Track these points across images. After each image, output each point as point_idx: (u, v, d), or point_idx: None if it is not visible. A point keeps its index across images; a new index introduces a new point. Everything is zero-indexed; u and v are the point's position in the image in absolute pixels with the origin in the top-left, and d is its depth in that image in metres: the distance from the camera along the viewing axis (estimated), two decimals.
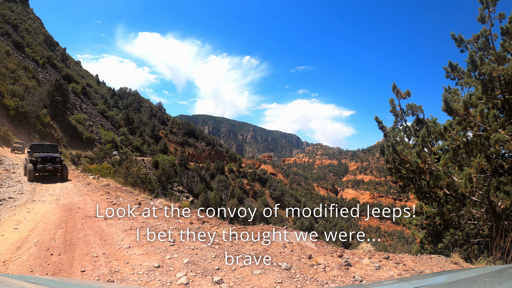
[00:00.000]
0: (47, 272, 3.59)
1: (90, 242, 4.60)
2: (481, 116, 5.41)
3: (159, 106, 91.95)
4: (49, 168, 12.63)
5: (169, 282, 3.24)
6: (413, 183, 7.17)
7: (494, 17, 5.88)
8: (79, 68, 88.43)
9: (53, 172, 12.90)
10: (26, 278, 1.71)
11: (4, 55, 36.70)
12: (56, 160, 12.96)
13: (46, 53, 58.14)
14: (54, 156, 13.01)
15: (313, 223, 73.84)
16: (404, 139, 7.53)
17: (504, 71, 5.55)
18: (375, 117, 7.93)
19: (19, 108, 28.11)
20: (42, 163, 12.52)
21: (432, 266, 4.37)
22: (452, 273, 1.90)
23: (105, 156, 26.81)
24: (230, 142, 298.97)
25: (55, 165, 12.85)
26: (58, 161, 12.99)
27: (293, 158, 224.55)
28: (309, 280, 3.49)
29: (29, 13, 76.39)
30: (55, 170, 12.91)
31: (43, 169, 12.50)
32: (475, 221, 6.14)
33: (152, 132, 70.46)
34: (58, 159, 13.01)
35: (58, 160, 13.04)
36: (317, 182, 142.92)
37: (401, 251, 10.16)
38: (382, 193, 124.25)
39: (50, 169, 12.69)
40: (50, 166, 12.69)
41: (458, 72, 7.32)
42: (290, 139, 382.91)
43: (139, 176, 14.46)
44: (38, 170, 12.42)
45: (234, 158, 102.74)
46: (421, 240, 8.10)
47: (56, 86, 35.76)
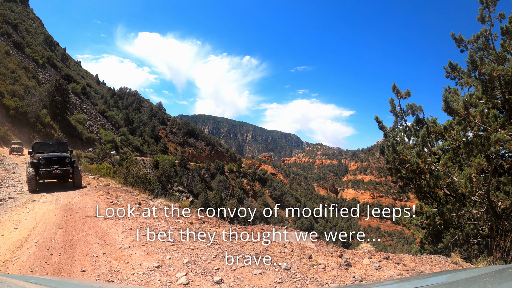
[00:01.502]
0: (47, 272, 3.59)
1: (90, 242, 4.60)
2: (481, 116, 5.41)
3: (159, 106, 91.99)
4: (56, 172, 10.05)
5: (169, 282, 3.24)
6: (413, 183, 7.18)
7: (494, 17, 5.89)
8: (79, 68, 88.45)
9: (61, 177, 10.36)
10: (26, 278, 1.71)
11: (4, 55, 36.71)
12: (65, 161, 10.38)
13: (46, 53, 58.15)
14: (62, 156, 10.43)
15: (313, 223, 73.85)
16: (404, 139, 7.54)
17: (504, 71, 5.55)
18: (375, 117, 7.94)
19: (19, 108, 28.11)
20: (46, 165, 10.01)
21: (432, 266, 4.37)
22: (452, 273, 1.90)
23: (105, 156, 26.82)
24: (230, 142, 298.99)
25: (64, 167, 10.27)
26: (68, 162, 10.41)
27: (293, 158, 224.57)
28: (309, 280, 3.49)
29: (29, 13, 76.40)
30: (65, 175, 10.28)
31: (48, 174, 10.00)
32: (475, 221, 6.14)
33: (152, 132, 70.48)
34: (68, 160, 10.44)
35: (68, 161, 10.44)
36: (317, 182, 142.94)
37: (401, 251, 10.16)
38: (382, 193, 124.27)
39: (58, 173, 10.11)
40: (58, 169, 10.10)
41: (458, 72, 7.32)
42: (290, 139, 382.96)
43: (139, 176, 14.46)
44: (42, 176, 9.93)
45: (234, 158, 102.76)
46: (421, 240, 8.10)
47: (56, 86, 35.77)
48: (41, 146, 11.56)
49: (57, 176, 10.33)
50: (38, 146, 11.46)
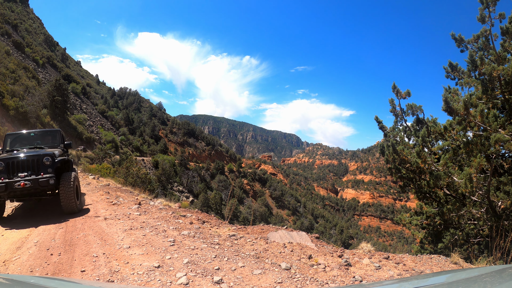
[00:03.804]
0: (47, 272, 3.59)
1: (90, 242, 4.60)
2: (481, 116, 5.41)
3: (159, 106, 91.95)
4: (21, 185, 5.70)
5: (169, 282, 3.24)
6: (413, 183, 7.18)
7: (494, 17, 5.89)
8: (79, 68, 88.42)
9: (32, 194, 6.04)
10: (26, 278, 1.71)
11: (4, 55, 36.71)
12: (44, 164, 6.03)
13: (46, 53, 58.15)
14: (37, 155, 6.05)
15: (313, 223, 73.84)
16: (404, 139, 7.53)
17: (504, 71, 5.55)
18: (375, 117, 7.94)
19: (19, 108, 28.12)
20: (6, 173, 5.83)
21: (432, 266, 4.37)
22: (452, 273, 1.90)
23: (105, 156, 26.81)
24: (230, 142, 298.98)
25: (38, 175, 5.91)
26: (48, 164, 6.06)
27: (293, 158, 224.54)
28: (309, 280, 3.48)
29: (29, 13, 76.38)
30: (37, 189, 5.89)
31: (8, 190, 5.70)
32: (475, 221, 6.14)
33: (152, 132, 70.46)
34: (47, 160, 6.06)
35: (49, 162, 6.07)
36: (317, 182, 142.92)
37: (401, 251, 10.16)
38: (382, 193, 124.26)
39: (25, 188, 5.75)
40: (25, 180, 5.77)
41: (458, 72, 7.33)
42: (290, 139, 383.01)
43: (139, 176, 14.45)
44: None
45: (234, 158, 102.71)
46: (421, 240, 8.10)
47: (56, 86, 35.76)
48: (16, 139, 7.34)
49: (25, 193, 5.92)
50: (12, 140, 7.30)
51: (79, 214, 6.50)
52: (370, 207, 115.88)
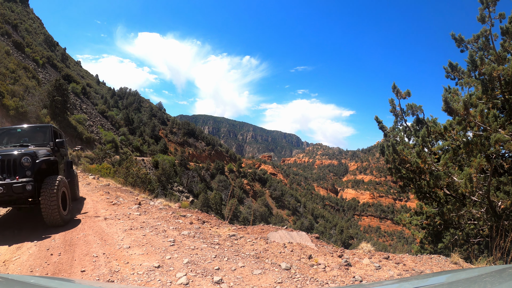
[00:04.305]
0: (47, 272, 3.59)
1: (90, 242, 4.60)
2: (481, 116, 5.41)
3: (159, 106, 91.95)
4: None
5: (169, 282, 3.24)
6: (413, 183, 7.18)
7: (494, 17, 5.89)
8: (79, 68, 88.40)
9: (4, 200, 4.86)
10: (26, 278, 1.71)
11: (4, 55, 36.70)
12: (22, 164, 4.94)
13: (46, 53, 58.14)
14: (14, 156, 4.93)
15: (313, 223, 73.84)
16: (404, 139, 7.54)
17: (504, 71, 5.55)
18: (375, 117, 7.95)
19: (19, 108, 28.13)
20: None
21: (432, 266, 4.37)
22: (452, 273, 1.90)
23: (105, 156, 26.81)
24: (230, 142, 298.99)
25: (12, 179, 4.81)
26: (27, 166, 4.96)
27: (293, 158, 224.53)
28: (309, 280, 3.48)
29: (29, 13, 76.37)
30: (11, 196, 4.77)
31: None
32: (475, 221, 6.14)
33: (152, 132, 70.46)
34: (26, 160, 4.95)
35: (29, 163, 4.96)
36: (317, 182, 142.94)
37: (401, 251, 10.15)
38: (382, 193, 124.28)
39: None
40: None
41: (458, 72, 7.33)
42: (290, 139, 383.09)
43: (139, 176, 14.45)
44: None
45: (234, 158, 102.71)
46: (421, 240, 8.10)
47: (56, 86, 35.75)
48: (0, 136, 6.42)
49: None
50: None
51: (79, 215, 6.51)
52: (370, 207, 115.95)
